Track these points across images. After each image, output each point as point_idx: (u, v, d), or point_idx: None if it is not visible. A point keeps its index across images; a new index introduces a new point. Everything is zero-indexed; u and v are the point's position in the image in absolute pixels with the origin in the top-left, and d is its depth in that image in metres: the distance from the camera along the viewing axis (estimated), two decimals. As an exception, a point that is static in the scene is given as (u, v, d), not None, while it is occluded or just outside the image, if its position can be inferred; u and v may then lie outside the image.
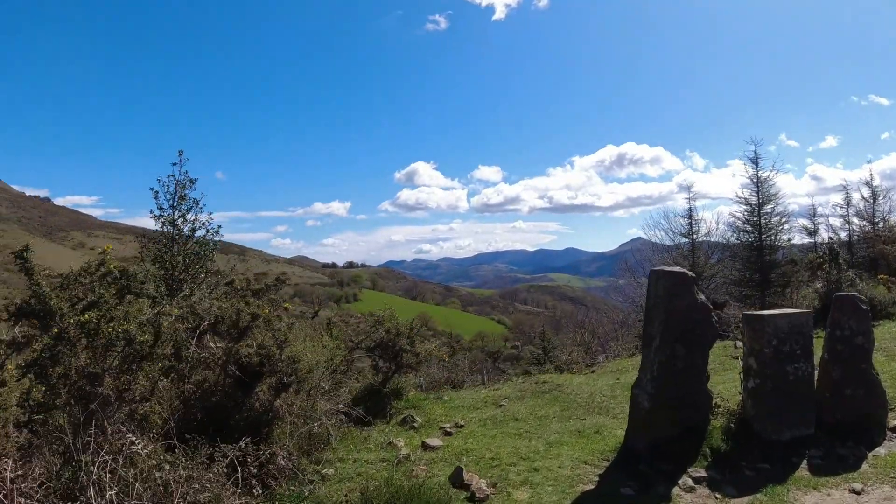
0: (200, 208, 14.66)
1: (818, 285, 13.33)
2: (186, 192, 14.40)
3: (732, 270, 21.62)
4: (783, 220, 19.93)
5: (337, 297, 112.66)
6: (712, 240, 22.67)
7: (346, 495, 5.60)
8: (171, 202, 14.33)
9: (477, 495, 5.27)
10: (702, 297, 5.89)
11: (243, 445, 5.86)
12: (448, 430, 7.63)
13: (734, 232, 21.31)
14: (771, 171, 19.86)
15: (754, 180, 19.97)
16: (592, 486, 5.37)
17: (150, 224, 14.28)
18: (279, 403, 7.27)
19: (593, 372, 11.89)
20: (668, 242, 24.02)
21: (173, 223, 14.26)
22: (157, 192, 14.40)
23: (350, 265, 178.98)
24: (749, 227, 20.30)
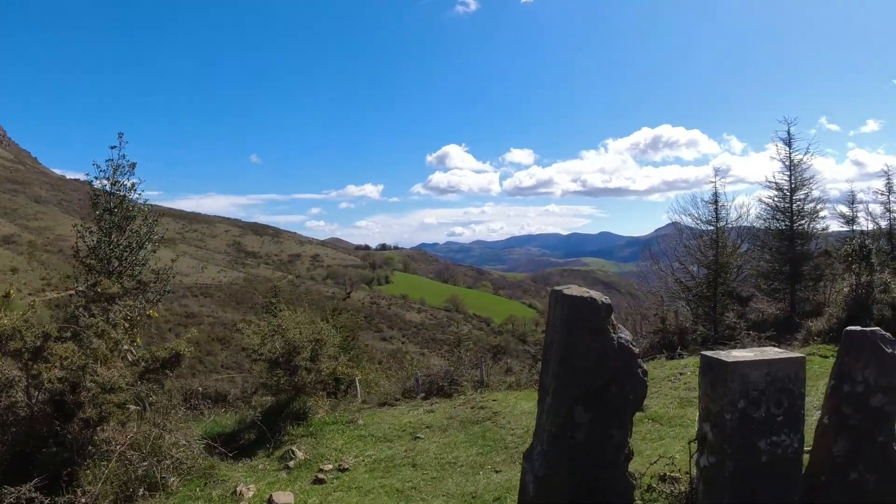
0: (138, 195, 13.21)
1: (844, 289, 10.86)
2: (121, 176, 12.97)
3: (761, 261, 19.46)
4: (818, 206, 17.50)
5: (369, 279, 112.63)
6: (744, 224, 20.44)
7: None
8: (104, 188, 12.92)
9: None
10: (623, 335, 3.93)
11: (26, 490, 4.66)
12: (322, 476, 5.97)
13: (764, 219, 19.06)
14: (806, 153, 17.52)
15: (787, 163, 17.78)
16: None
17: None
18: (109, 435, 5.80)
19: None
20: (694, 228, 21.88)
21: (110, 211, 12.91)
22: (93, 178, 13.04)
23: (383, 247, 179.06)
24: (779, 214, 18.04)
